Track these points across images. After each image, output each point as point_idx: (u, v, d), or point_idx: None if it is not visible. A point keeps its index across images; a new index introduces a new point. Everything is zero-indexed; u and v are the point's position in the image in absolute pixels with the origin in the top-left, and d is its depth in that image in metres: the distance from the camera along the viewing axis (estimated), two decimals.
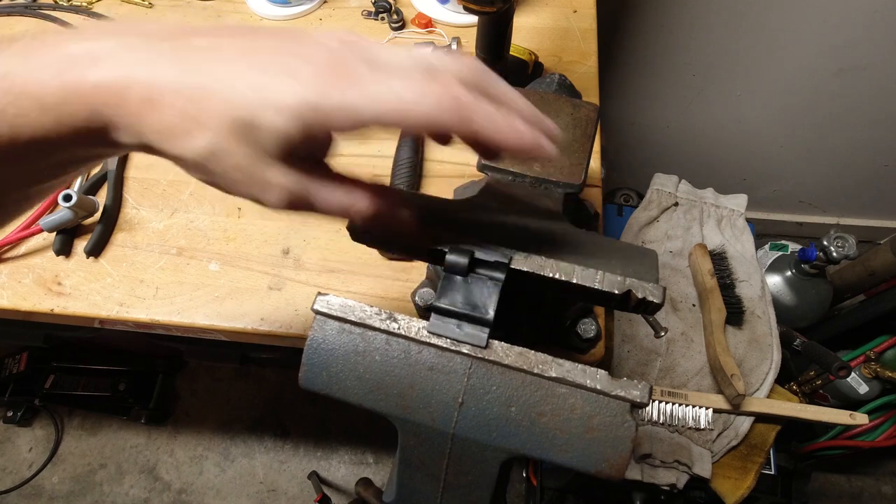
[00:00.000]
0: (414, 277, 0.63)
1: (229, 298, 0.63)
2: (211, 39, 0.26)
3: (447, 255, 0.35)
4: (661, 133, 1.41)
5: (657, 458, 0.84)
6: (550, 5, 0.85)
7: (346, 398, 0.34)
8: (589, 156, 0.46)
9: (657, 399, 0.86)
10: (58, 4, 0.88)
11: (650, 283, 0.34)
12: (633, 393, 0.31)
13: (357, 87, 0.25)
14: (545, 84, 0.52)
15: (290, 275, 0.64)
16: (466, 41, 0.79)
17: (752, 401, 0.86)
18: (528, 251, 0.35)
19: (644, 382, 0.32)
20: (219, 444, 1.55)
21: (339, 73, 0.25)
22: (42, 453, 1.55)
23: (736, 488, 0.85)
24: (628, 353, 0.91)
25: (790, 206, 1.60)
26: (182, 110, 0.24)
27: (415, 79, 0.26)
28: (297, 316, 0.61)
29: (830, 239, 1.05)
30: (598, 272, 0.34)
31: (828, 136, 1.34)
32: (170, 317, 0.61)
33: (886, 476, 1.48)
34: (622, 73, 1.25)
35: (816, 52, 1.13)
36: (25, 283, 0.64)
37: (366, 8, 0.85)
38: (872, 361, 1.14)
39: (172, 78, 0.24)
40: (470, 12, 0.57)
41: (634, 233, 1.03)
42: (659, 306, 0.34)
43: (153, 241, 0.67)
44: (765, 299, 0.96)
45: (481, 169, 0.46)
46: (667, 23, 1.13)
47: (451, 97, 0.26)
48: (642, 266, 0.35)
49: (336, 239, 0.66)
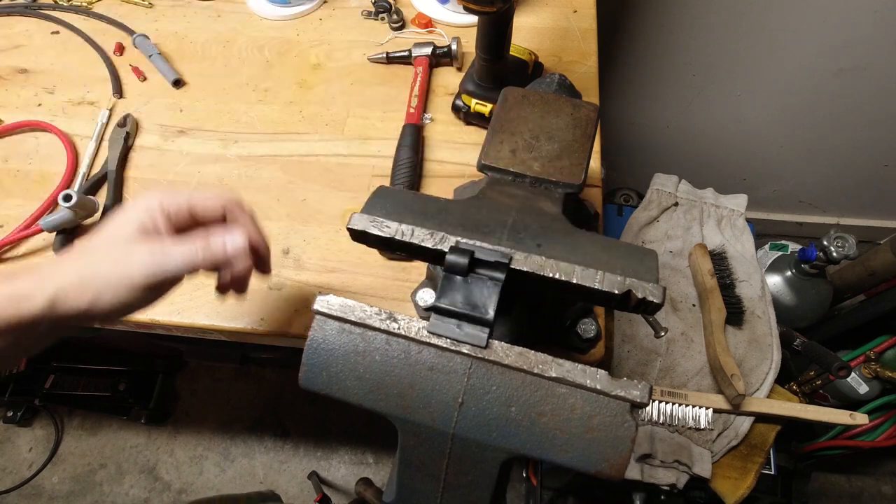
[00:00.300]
0: (414, 277, 0.63)
1: (229, 298, 0.62)
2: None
3: (447, 256, 0.35)
4: (661, 133, 1.41)
5: (657, 458, 0.84)
6: (550, 5, 0.85)
7: (346, 398, 0.34)
8: (589, 156, 0.46)
9: (657, 399, 0.86)
10: (58, 4, 0.88)
11: (650, 283, 0.34)
12: (633, 393, 0.31)
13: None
14: (545, 84, 0.52)
15: (290, 275, 0.64)
16: (466, 41, 0.79)
17: (752, 401, 0.86)
18: (528, 251, 0.35)
19: (644, 382, 0.32)
20: (219, 444, 1.55)
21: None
22: (42, 453, 1.55)
23: (736, 488, 0.85)
24: (628, 353, 0.91)
25: (790, 206, 1.60)
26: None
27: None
28: (297, 316, 0.61)
29: (830, 239, 1.05)
30: (598, 272, 0.34)
31: (828, 136, 1.34)
32: (170, 317, 0.61)
33: (886, 476, 1.48)
34: (622, 73, 1.25)
35: (816, 52, 1.13)
36: None
37: (366, 8, 0.85)
38: (872, 361, 1.14)
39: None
40: (470, 12, 0.57)
41: (634, 233, 1.03)
42: (659, 306, 0.34)
43: None
44: (765, 299, 0.96)
45: (481, 169, 0.46)
46: (667, 23, 1.13)
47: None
48: (642, 266, 0.35)
49: (336, 239, 0.66)
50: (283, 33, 0.84)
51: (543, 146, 0.46)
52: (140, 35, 0.82)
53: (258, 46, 0.83)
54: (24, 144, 0.75)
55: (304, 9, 0.85)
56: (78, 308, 0.39)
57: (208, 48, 0.83)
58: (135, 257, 0.40)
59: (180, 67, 0.80)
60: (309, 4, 0.86)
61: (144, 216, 0.42)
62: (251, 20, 0.86)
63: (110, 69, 0.80)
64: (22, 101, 0.78)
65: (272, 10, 0.85)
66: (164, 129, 0.75)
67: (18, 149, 0.74)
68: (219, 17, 0.86)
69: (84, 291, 0.39)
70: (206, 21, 0.86)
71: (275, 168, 0.72)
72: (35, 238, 0.66)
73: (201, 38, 0.84)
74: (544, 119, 0.47)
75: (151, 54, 0.80)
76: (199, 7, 0.87)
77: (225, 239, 0.42)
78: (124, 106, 0.77)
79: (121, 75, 0.80)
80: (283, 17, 0.85)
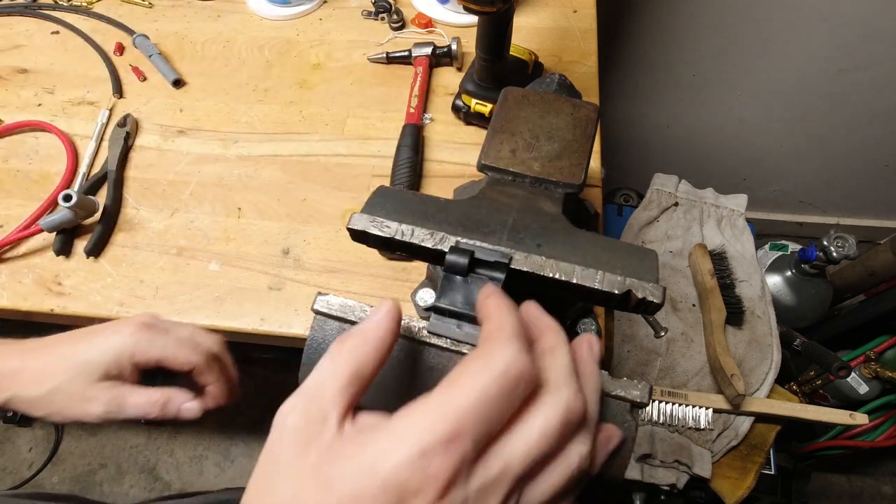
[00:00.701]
0: (414, 277, 0.63)
1: (229, 298, 0.63)
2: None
3: (447, 256, 0.35)
4: (661, 133, 1.41)
5: (657, 458, 0.84)
6: (550, 5, 0.85)
7: None
8: (589, 156, 0.46)
9: (657, 399, 0.86)
10: (58, 4, 0.88)
11: (650, 283, 0.34)
12: (633, 393, 0.31)
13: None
14: (545, 84, 0.52)
15: (290, 275, 0.64)
16: (466, 41, 0.79)
17: (752, 401, 0.86)
18: (528, 251, 0.35)
19: (644, 382, 0.32)
20: (219, 444, 1.55)
21: None
22: (42, 453, 1.55)
23: (736, 488, 0.85)
24: (628, 353, 0.91)
25: (790, 206, 1.60)
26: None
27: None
28: (297, 316, 0.61)
29: (830, 239, 1.05)
30: (598, 272, 0.34)
31: (828, 136, 1.34)
32: (170, 317, 0.61)
33: (886, 476, 1.48)
34: (622, 73, 1.25)
35: (816, 52, 1.13)
36: (25, 283, 0.64)
37: (366, 8, 0.85)
38: (872, 361, 1.14)
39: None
40: (470, 12, 0.57)
41: (634, 233, 1.03)
42: (659, 306, 0.34)
43: (153, 241, 0.67)
44: (765, 299, 0.96)
45: (481, 169, 0.46)
46: (667, 23, 1.13)
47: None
48: (642, 266, 0.35)
49: (336, 239, 0.66)
50: (283, 33, 0.84)
51: (543, 146, 0.46)
52: (140, 35, 0.82)
53: (258, 46, 0.83)
54: (24, 144, 0.75)
55: (304, 9, 0.85)
56: (30, 414, 0.44)
57: (208, 48, 0.83)
58: (91, 404, 0.43)
59: (180, 67, 0.80)
60: (309, 4, 0.86)
61: (112, 364, 0.43)
62: (251, 20, 0.86)
63: (110, 69, 0.80)
64: (22, 101, 0.78)
65: (272, 10, 0.85)
66: (164, 129, 0.75)
67: (18, 149, 0.74)
68: (219, 17, 0.86)
69: (37, 408, 0.43)
70: (206, 21, 0.86)
71: (275, 168, 0.72)
72: (35, 238, 0.66)
73: (201, 38, 0.84)
74: (544, 119, 0.47)
75: (151, 54, 0.80)
76: (199, 7, 0.87)
77: (182, 406, 0.45)
78: (124, 106, 0.77)
79: (121, 75, 0.80)
80: (283, 17, 0.85)
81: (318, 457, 0.22)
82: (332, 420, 0.23)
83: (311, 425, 0.23)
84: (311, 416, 0.23)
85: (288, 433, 0.23)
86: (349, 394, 0.24)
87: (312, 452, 0.23)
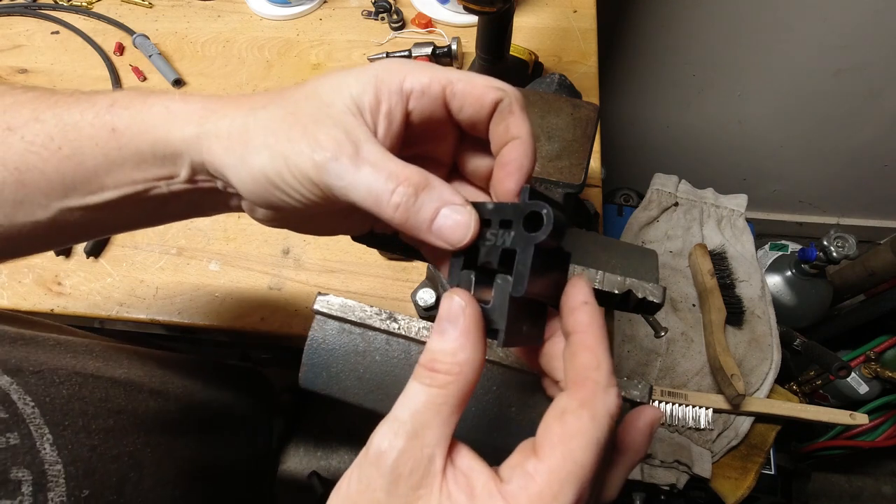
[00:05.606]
0: (414, 277, 0.63)
1: (229, 298, 0.62)
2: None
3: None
4: (661, 133, 1.41)
5: (657, 458, 0.84)
6: (550, 5, 0.85)
7: (346, 398, 0.34)
8: (589, 156, 0.46)
9: (657, 399, 0.86)
10: (58, 4, 0.88)
11: (650, 283, 0.34)
12: (632, 393, 0.31)
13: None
14: (545, 84, 0.52)
15: (290, 275, 0.64)
16: (466, 41, 0.79)
17: (752, 401, 0.86)
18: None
19: (644, 382, 0.32)
20: None
21: None
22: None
23: (736, 488, 0.85)
24: (628, 353, 0.91)
25: (790, 206, 1.60)
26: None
27: None
28: (297, 316, 0.61)
29: (830, 239, 1.05)
30: (598, 272, 0.34)
31: (828, 136, 1.34)
32: (170, 317, 0.61)
33: (886, 476, 1.48)
34: (622, 73, 1.25)
35: (816, 52, 1.13)
36: (25, 283, 0.64)
37: (366, 8, 0.85)
38: (872, 361, 1.14)
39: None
40: (470, 12, 0.57)
41: (634, 233, 1.03)
42: (659, 306, 0.34)
43: (153, 241, 0.67)
44: (765, 299, 0.96)
45: None
46: (667, 23, 1.13)
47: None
48: (642, 266, 0.35)
49: (336, 239, 0.66)
50: (283, 33, 0.84)
51: (543, 146, 0.46)
52: (140, 35, 0.82)
53: (258, 46, 0.83)
54: None
55: (304, 9, 0.85)
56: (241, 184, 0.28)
57: (208, 48, 0.83)
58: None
59: (180, 67, 0.80)
60: (309, 4, 0.86)
61: (368, 98, 0.27)
62: (251, 20, 0.86)
63: (110, 69, 0.80)
64: None
65: (272, 10, 0.85)
66: None
67: None
68: (219, 17, 0.86)
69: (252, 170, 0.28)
70: (206, 21, 0.86)
71: None
72: None
73: (201, 38, 0.84)
74: (544, 119, 0.47)
75: (151, 54, 0.80)
76: (199, 7, 0.87)
77: (443, 209, 0.27)
78: None
79: (121, 75, 0.80)
80: (283, 17, 0.85)
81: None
82: (437, 465, 0.23)
83: (417, 470, 0.23)
84: (416, 459, 0.23)
85: (389, 473, 0.23)
86: (451, 431, 0.24)
87: (420, 500, 0.23)
